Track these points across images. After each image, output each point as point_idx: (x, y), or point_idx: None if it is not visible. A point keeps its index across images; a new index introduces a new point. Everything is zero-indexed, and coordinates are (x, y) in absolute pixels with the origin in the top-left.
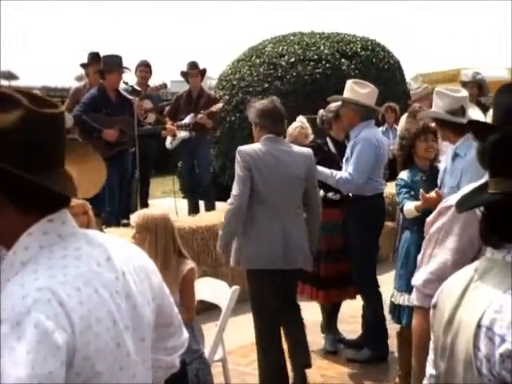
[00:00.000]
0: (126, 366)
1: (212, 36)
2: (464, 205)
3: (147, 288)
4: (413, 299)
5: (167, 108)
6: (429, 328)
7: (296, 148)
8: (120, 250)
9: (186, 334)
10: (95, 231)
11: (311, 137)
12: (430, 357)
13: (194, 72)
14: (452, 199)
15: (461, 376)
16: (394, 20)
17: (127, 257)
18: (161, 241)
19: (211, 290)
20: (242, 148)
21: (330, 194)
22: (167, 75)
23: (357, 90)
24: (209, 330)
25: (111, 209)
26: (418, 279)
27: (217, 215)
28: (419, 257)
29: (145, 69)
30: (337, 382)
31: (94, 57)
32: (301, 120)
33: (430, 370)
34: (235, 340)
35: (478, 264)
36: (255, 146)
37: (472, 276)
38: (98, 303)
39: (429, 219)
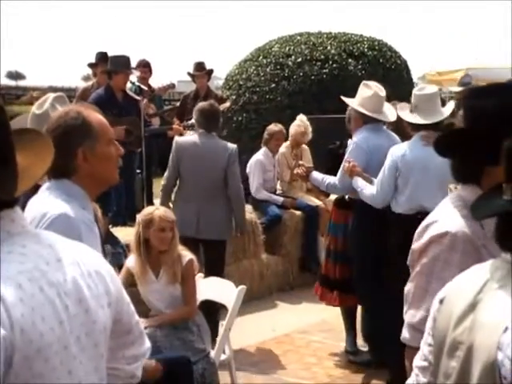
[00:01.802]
0: (75, 371)
1: (219, 36)
2: (480, 212)
3: (102, 293)
4: (407, 339)
5: (168, 113)
6: None
7: (221, 142)
8: (74, 253)
9: (147, 344)
10: (49, 233)
11: (310, 135)
12: (422, 351)
13: (200, 73)
14: (443, 225)
15: (477, 376)
16: (401, 20)
17: (81, 260)
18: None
19: (218, 289)
20: (177, 139)
21: (347, 196)
22: (174, 75)
23: (361, 93)
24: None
25: (118, 209)
26: (413, 317)
27: None
28: (407, 289)
29: (143, 69)
30: (344, 382)
31: (102, 57)
32: (300, 119)
33: (418, 362)
34: (241, 340)
35: (492, 265)
36: (187, 138)
37: (487, 276)
38: (43, 302)
39: (415, 247)
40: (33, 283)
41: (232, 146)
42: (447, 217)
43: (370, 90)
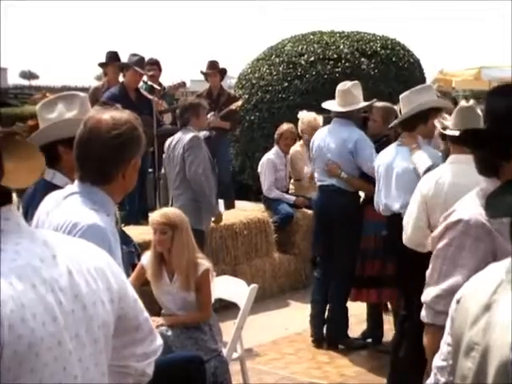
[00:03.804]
0: (71, 367)
1: (232, 35)
2: (494, 211)
3: (103, 289)
4: (423, 316)
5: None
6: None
7: (184, 134)
8: (71, 249)
9: (158, 342)
10: (45, 231)
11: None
12: (442, 350)
13: (213, 71)
14: (458, 213)
15: (492, 377)
16: (415, 19)
17: (80, 257)
18: (187, 237)
19: (230, 288)
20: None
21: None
22: (187, 74)
23: None
24: (227, 328)
25: (131, 208)
26: (427, 295)
27: (236, 214)
28: (427, 273)
29: (152, 67)
30: (356, 381)
31: (113, 56)
32: (301, 115)
33: (438, 362)
34: (253, 338)
35: (507, 265)
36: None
37: (502, 277)
38: (34, 298)
39: (434, 234)
40: (24, 280)
41: (189, 135)
42: (464, 206)
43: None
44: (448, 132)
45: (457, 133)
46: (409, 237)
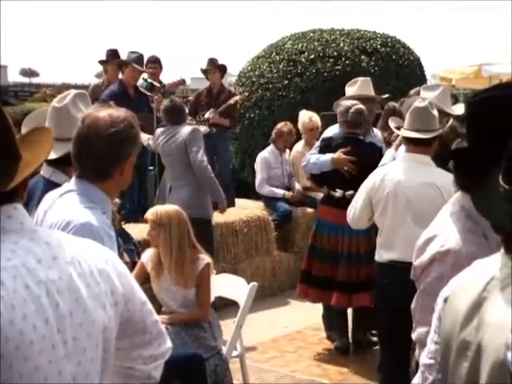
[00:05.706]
0: (65, 372)
1: (232, 33)
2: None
3: (106, 292)
4: (417, 356)
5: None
6: None
7: (183, 127)
8: (75, 251)
9: (167, 345)
10: (52, 230)
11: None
12: (429, 348)
13: (212, 68)
14: (447, 242)
15: (486, 377)
16: (415, 17)
17: (83, 259)
18: (174, 235)
19: (229, 286)
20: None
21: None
22: (188, 72)
23: None
24: (227, 326)
25: (130, 205)
26: (420, 334)
27: (236, 212)
28: (413, 306)
29: (153, 65)
30: (356, 379)
31: (113, 54)
32: (305, 115)
33: (425, 360)
34: (253, 336)
35: (496, 262)
36: (163, 128)
37: (491, 274)
38: (26, 299)
39: (417, 263)
40: (17, 280)
41: (189, 128)
42: (449, 232)
43: None
44: (401, 132)
45: (410, 133)
46: (351, 221)
